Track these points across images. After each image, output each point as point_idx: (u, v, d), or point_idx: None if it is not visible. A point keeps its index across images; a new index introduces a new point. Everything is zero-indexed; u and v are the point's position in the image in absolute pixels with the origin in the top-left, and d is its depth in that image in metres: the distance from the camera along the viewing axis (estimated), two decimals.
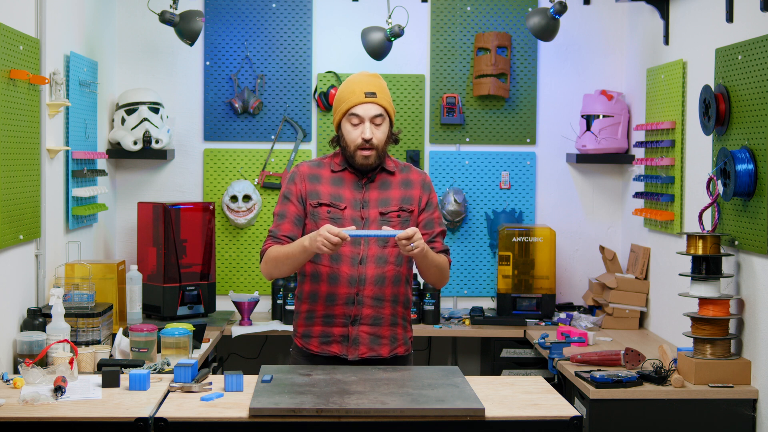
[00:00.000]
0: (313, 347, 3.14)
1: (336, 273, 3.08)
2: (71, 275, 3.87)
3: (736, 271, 3.61)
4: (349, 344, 3.10)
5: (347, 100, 3.09)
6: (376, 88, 3.10)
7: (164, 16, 4.38)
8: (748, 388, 3.48)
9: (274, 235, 3.13)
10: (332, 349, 3.11)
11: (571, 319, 4.63)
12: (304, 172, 3.16)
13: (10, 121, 3.34)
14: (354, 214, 3.10)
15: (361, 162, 3.09)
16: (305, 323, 3.15)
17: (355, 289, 3.07)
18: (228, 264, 5.01)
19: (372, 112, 3.07)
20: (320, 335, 3.12)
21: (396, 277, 3.12)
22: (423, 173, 3.23)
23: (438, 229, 3.19)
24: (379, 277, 3.09)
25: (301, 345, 3.17)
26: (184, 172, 5.02)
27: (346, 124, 3.10)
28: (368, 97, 3.07)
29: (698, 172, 3.99)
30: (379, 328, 3.11)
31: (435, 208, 3.21)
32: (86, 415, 2.63)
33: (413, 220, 3.15)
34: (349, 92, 3.10)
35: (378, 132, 3.08)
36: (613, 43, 5.07)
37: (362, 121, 3.07)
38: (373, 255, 3.08)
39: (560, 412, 2.70)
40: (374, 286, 3.08)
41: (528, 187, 5.09)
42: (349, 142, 3.09)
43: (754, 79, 3.43)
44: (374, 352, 3.11)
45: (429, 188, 3.21)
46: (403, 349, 3.18)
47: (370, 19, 4.87)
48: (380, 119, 3.09)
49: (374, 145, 3.07)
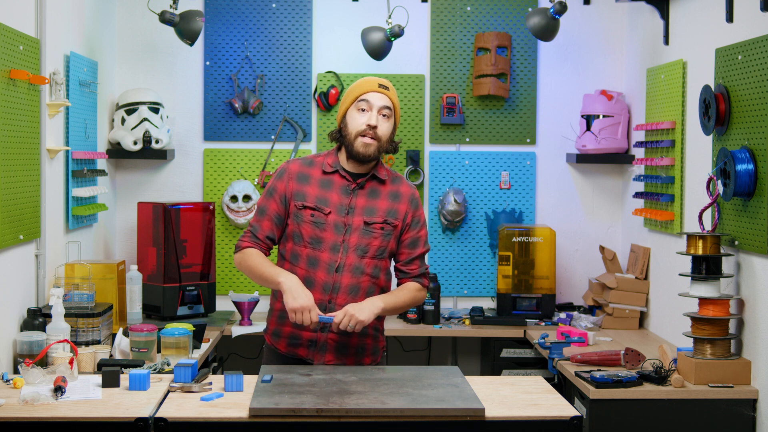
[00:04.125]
0: (281, 347, 3.16)
1: (312, 278, 3.07)
2: (71, 275, 3.87)
3: (736, 271, 3.61)
4: (316, 349, 3.10)
5: (359, 88, 3.12)
6: (388, 85, 3.15)
7: (164, 16, 4.38)
8: (748, 388, 3.48)
9: (254, 233, 3.14)
10: (299, 352, 3.12)
11: (571, 319, 4.63)
12: (293, 171, 3.15)
13: (10, 121, 3.34)
14: (338, 220, 3.08)
15: (360, 150, 3.06)
16: (277, 322, 3.17)
17: (328, 297, 3.07)
18: (228, 264, 5.01)
19: (382, 102, 3.09)
20: (289, 336, 3.13)
21: (370, 288, 3.10)
22: (413, 187, 3.23)
23: (420, 250, 3.18)
24: (354, 287, 3.07)
25: (270, 343, 3.20)
26: (184, 172, 5.02)
27: (354, 111, 3.10)
28: (381, 89, 3.11)
29: (698, 172, 3.99)
30: (347, 337, 3.10)
31: (422, 225, 3.20)
32: (86, 415, 2.63)
33: (395, 235, 3.14)
34: (362, 82, 3.13)
35: (383, 124, 3.09)
36: (613, 43, 5.07)
37: (370, 108, 3.08)
38: (350, 264, 3.07)
39: (560, 412, 2.70)
40: (348, 295, 3.07)
41: (528, 187, 5.09)
42: (352, 129, 3.08)
43: (754, 79, 3.43)
44: (340, 360, 3.11)
45: (417, 204, 3.20)
46: (370, 360, 3.18)
47: (370, 19, 4.87)
48: (388, 111, 3.10)
49: (377, 135, 3.07)
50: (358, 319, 2.95)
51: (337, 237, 3.07)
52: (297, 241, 3.10)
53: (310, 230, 3.08)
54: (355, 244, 3.08)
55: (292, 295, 2.95)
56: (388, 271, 3.18)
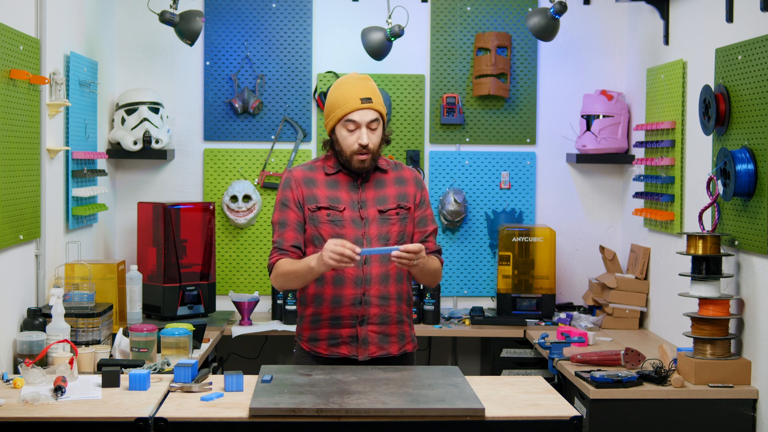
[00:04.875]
0: (321, 350, 3.12)
1: (341, 275, 3.07)
2: (71, 275, 3.87)
3: (736, 271, 3.61)
4: (358, 345, 3.09)
5: (342, 106, 3.06)
6: (370, 93, 3.07)
7: (164, 16, 4.38)
8: (748, 388, 3.48)
9: (280, 246, 3.10)
10: (341, 351, 3.10)
11: (571, 319, 4.63)
12: (298, 177, 3.14)
13: (10, 121, 3.34)
14: (353, 215, 3.09)
15: (358, 166, 3.08)
16: (311, 327, 3.14)
17: (362, 290, 3.07)
18: (228, 264, 5.01)
19: (368, 117, 3.05)
20: (328, 338, 3.10)
21: (399, 275, 3.12)
22: (414, 170, 3.25)
23: (431, 227, 3.21)
24: (384, 276, 3.09)
25: (309, 348, 3.15)
26: (184, 172, 5.02)
27: (342, 130, 3.07)
28: (364, 103, 3.05)
29: (698, 172, 3.99)
30: (386, 326, 3.11)
31: (427, 204, 3.22)
32: (86, 415, 2.63)
33: (410, 217, 3.16)
34: (344, 98, 3.06)
35: (374, 137, 3.08)
36: (613, 43, 5.07)
37: (359, 127, 3.05)
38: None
39: (560, 412, 2.70)
40: (380, 284, 3.08)
41: (528, 187, 5.09)
42: (345, 148, 3.07)
43: (754, 79, 3.43)
44: (384, 351, 3.11)
45: (421, 185, 3.22)
46: (411, 346, 3.20)
47: (370, 19, 4.87)
48: (375, 124, 3.08)
49: (370, 150, 3.07)
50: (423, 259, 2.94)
51: (357, 231, 3.07)
52: (318, 244, 3.07)
53: (329, 229, 3.07)
54: (376, 235, 3.08)
55: (325, 254, 2.87)
56: None
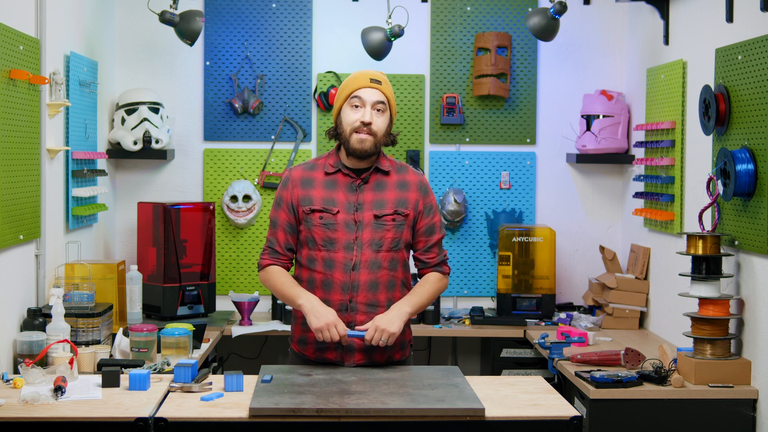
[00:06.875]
0: (308, 353, 3.12)
1: (329, 279, 3.05)
2: (71, 275, 3.87)
3: (736, 271, 3.61)
4: (344, 351, 3.07)
5: (351, 84, 3.08)
6: (381, 78, 3.10)
7: (164, 16, 4.38)
8: (748, 388, 3.48)
9: (272, 247, 3.13)
10: (327, 356, 3.09)
11: (571, 319, 4.63)
12: (296, 177, 3.14)
13: (10, 121, 3.34)
14: (347, 218, 3.06)
15: (356, 146, 3.03)
16: (301, 329, 3.14)
17: (348, 296, 3.04)
18: (228, 264, 5.01)
19: (374, 97, 3.06)
20: (315, 342, 3.08)
21: (390, 282, 3.08)
22: (420, 174, 3.19)
23: (437, 236, 3.16)
24: (373, 283, 3.05)
25: (298, 350, 3.16)
26: (184, 172, 5.02)
27: (347, 108, 3.07)
28: (373, 83, 3.07)
29: (698, 172, 3.99)
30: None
31: (435, 211, 3.16)
32: (86, 415, 2.63)
33: (408, 225, 3.11)
34: (354, 78, 3.10)
35: (378, 119, 3.05)
36: (613, 43, 5.07)
37: (363, 105, 3.05)
38: (366, 260, 3.04)
39: (560, 412, 2.70)
40: (368, 292, 3.05)
41: (528, 187, 5.09)
42: (346, 125, 3.06)
43: (754, 79, 3.43)
44: (369, 359, 3.08)
45: (426, 190, 3.16)
46: (399, 355, 3.14)
47: (370, 19, 4.87)
48: (382, 106, 3.06)
49: (372, 131, 3.04)
50: (390, 332, 2.94)
51: (350, 235, 3.05)
52: (311, 246, 3.08)
53: (321, 232, 3.06)
54: (368, 240, 3.05)
55: (314, 315, 2.94)
56: (406, 263, 3.15)
